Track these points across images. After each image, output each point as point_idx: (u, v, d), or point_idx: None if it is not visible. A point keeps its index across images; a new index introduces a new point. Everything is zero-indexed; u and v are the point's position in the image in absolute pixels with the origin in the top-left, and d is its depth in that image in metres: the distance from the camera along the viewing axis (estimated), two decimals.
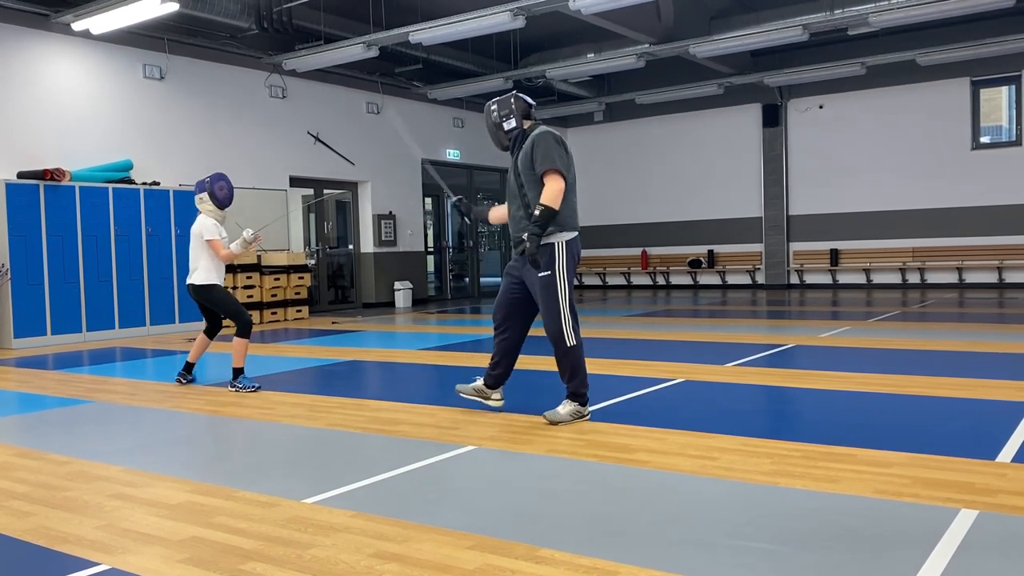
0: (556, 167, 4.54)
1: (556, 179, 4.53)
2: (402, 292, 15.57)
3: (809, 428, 4.55)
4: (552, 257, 4.62)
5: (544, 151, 4.56)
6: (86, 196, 10.51)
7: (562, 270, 4.63)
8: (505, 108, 4.79)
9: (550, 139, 4.62)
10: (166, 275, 11.36)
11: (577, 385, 4.75)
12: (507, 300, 4.94)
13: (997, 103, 16.07)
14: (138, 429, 5.13)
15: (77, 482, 3.87)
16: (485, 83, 15.14)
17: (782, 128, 17.37)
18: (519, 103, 4.80)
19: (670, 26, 13.19)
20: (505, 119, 4.78)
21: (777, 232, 17.52)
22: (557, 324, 4.65)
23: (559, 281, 4.63)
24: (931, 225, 16.01)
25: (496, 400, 5.14)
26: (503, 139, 4.85)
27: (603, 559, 2.71)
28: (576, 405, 4.77)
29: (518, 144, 4.78)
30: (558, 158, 4.57)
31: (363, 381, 7.00)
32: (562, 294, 4.63)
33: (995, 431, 4.28)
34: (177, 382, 6.69)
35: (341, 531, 3.07)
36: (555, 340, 4.70)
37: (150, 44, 11.85)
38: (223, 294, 6.45)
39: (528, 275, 4.74)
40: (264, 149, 13.34)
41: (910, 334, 8.75)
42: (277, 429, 5.01)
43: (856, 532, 2.90)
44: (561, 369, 4.78)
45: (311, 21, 12.54)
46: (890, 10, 11.43)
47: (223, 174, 6.55)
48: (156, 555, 2.89)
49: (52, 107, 10.80)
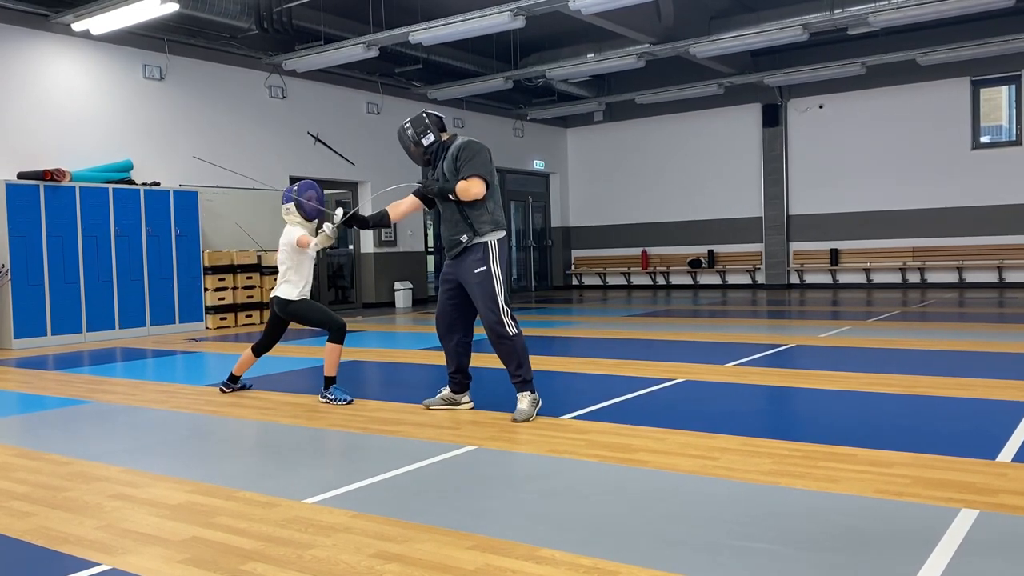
0: (479, 174, 4.88)
1: (477, 183, 4.85)
2: (402, 292, 15.57)
3: (810, 428, 4.54)
4: (486, 254, 4.94)
5: (468, 157, 4.89)
6: (86, 196, 10.51)
7: (496, 265, 4.94)
8: (420, 125, 5.03)
9: (474, 147, 4.94)
10: (166, 275, 11.35)
11: (525, 372, 4.94)
12: (447, 308, 5.16)
13: (997, 103, 16.06)
14: (138, 429, 5.13)
15: (77, 482, 3.87)
16: (485, 83, 15.14)
17: (782, 128, 17.38)
18: (432, 118, 5.06)
19: (670, 26, 13.20)
20: (423, 135, 5.02)
21: (777, 232, 17.52)
22: (496, 315, 4.88)
23: (494, 275, 4.92)
24: (931, 225, 16.01)
25: (466, 404, 5.33)
26: (422, 154, 5.08)
27: (604, 559, 2.71)
28: (530, 394, 4.95)
29: (440, 155, 5.05)
30: (481, 165, 4.89)
31: (363, 381, 7.00)
32: (497, 286, 4.91)
33: (996, 431, 4.28)
34: (220, 391, 6.29)
35: (341, 531, 3.06)
36: (494, 331, 4.90)
37: (150, 44, 11.85)
38: (308, 308, 5.91)
39: (463, 274, 4.99)
40: (264, 149, 13.34)
41: (910, 334, 8.75)
42: (277, 429, 5.01)
43: (857, 532, 2.90)
44: (505, 359, 4.96)
45: (311, 21, 12.54)
46: (890, 10, 11.43)
47: (313, 183, 6.05)
48: (156, 555, 2.89)
49: (52, 108, 10.80)
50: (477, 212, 4.95)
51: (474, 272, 4.94)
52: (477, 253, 4.95)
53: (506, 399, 5.26)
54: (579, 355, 8.04)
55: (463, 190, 4.86)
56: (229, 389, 6.27)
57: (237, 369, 6.26)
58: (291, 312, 5.91)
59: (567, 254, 20.60)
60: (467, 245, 4.97)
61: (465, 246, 4.98)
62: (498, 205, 5.04)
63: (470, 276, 4.97)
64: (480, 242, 4.96)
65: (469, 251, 4.98)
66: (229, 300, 12.05)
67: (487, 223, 4.96)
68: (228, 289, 12.03)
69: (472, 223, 4.95)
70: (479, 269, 4.94)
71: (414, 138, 5.05)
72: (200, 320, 11.78)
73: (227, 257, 12.04)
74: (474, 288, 4.96)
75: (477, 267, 4.94)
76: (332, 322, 5.82)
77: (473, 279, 4.95)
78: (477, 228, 4.94)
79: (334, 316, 5.88)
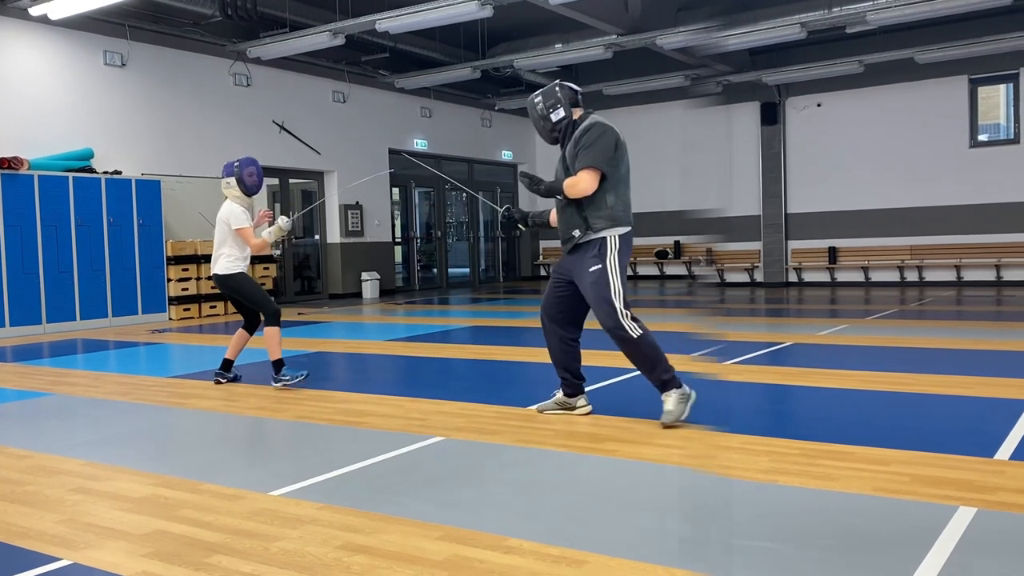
0: (593, 165, 4.37)
1: (585, 179, 4.37)
2: (369, 283, 15.49)
3: (808, 426, 4.52)
4: (603, 250, 4.44)
5: (587, 143, 4.39)
6: (45, 185, 10.30)
7: (613, 264, 4.43)
8: (551, 98, 4.54)
9: (596, 131, 4.41)
10: (128, 266, 11.17)
11: (661, 372, 4.42)
12: (553, 299, 4.72)
13: (995, 101, 16.07)
14: (100, 422, 5.05)
15: (37, 476, 3.80)
16: (453, 72, 15.06)
17: (780, 126, 17.33)
18: (565, 91, 4.55)
19: (637, 17, 13.22)
20: (552, 109, 4.53)
21: (775, 230, 17.43)
22: (613, 318, 4.40)
23: (610, 274, 4.42)
24: (929, 223, 15.96)
25: (582, 408, 4.80)
26: (551, 131, 4.61)
27: (572, 548, 2.72)
28: (675, 391, 4.42)
29: (568, 134, 4.56)
30: (600, 154, 4.38)
31: (330, 372, 6.96)
32: (614, 287, 4.40)
33: (994, 429, 4.23)
34: (215, 382, 6.14)
35: (308, 523, 3.04)
36: (615, 335, 4.43)
37: (111, 30, 11.62)
38: (247, 282, 5.97)
39: (577, 272, 4.52)
40: (228, 138, 13.16)
41: (908, 332, 8.67)
42: (242, 421, 4.96)
43: (855, 530, 2.88)
44: (636, 364, 4.49)
45: (276, 8, 12.38)
46: (888, 8, 11.42)
47: (253, 159, 6.03)
48: (119, 549, 2.85)
49: (9, 94, 10.55)
50: (594, 206, 4.46)
51: (588, 271, 4.46)
52: (593, 250, 4.46)
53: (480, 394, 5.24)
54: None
55: (569, 187, 4.40)
56: (223, 379, 6.16)
57: (230, 352, 6.19)
58: (232, 286, 5.95)
59: (535, 245, 20.60)
60: (579, 241, 4.51)
61: (578, 242, 4.51)
62: (620, 198, 4.50)
63: (583, 275, 4.49)
64: (596, 238, 4.46)
65: (584, 247, 4.50)
66: (193, 290, 11.89)
67: (603, 218, 4.46)
68: (192, 279, 11.87)
69: (586, 217, 4.47)
70: (594, 267, 4.44)
71: (543, 112, 4.56)
72: (163, 311, 11.62)
73: (190, 247, 11.88)
74: (588, 288, 4.48)
75: (592, 265, 4.45)
76: (267, 306, 5.93)
77: (587, 278, 4.47)
78: (591, 223, 4.46)
79: (270, 300, 6.00)
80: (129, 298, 11.20)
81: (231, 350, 6.19)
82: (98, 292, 10.85)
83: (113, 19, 11.43)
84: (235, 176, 5.89)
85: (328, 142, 14.97)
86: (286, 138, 14.23)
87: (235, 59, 13.25)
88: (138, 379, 6.60)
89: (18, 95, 10.64)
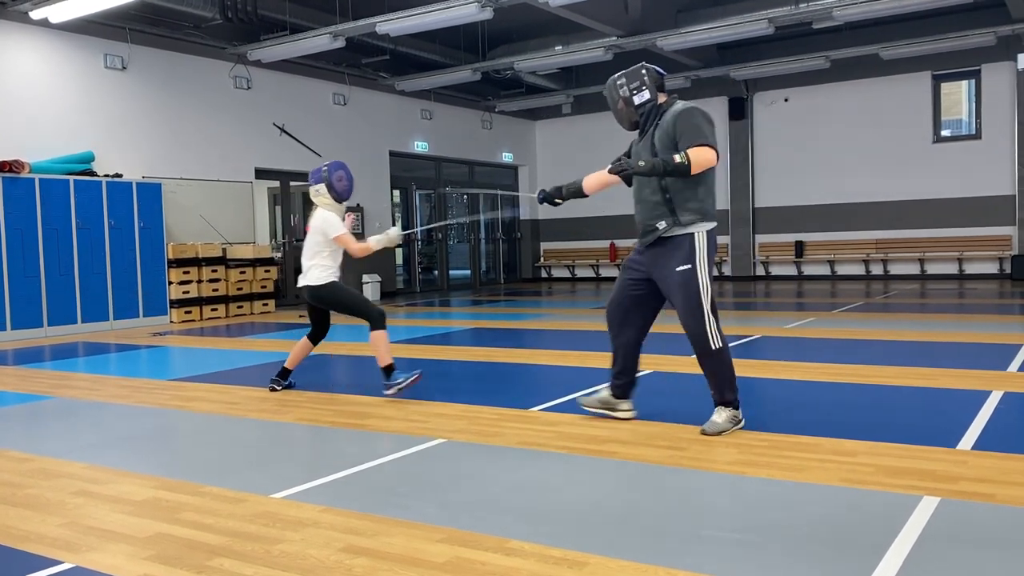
0: (710, 142, 4.04)
1: (708, 151, 4.01)
2: (370, 285, 15.48)
3: (775, 418, 4.59)
4: (692, 249, 4.13)
5: (693, 125, 4.07)
6: (46, 188, 10.30)
7: (702, 264, 4.13)
8: (635, 80, 4.24)
9: (698, 115, 4.13)
10: (130, 269, 11.17)
11: (726, 392, 4.21)
12: (626, 298, 4.42)
13: (957, 97, 16.36)
14: (101, 425, 5.05)
15: (39, 479, 3.80)
16: (453, 75, 15.08)
17: (748, 121, 17.52)
18: (652, 74, 4.24)
19: (637, 19, 13.23)
20: (636, 92, 4.23)
21: (743, 224, 17.67)
22: (700, 326, 4.12)
23: (700, 276, 4.12)
24: (894, 217, 16.27)
25: (625, 411, 4.57)
26: (632, 115, 4.30)
27: (573, 550, 2.72)
28: (731, 411, 4.23)
29: (652, 120, 4.26)
30: (710, 134, 4.08)
31: (331, 375, 6.96)
32: (703, 290, 4.12)
33: (956, 420, 4.36)
34: (270, 389, 5.88)
35: (310, 526, 3.04)
36: (698, 343, 4.17)
37: (111, 34, 11.63)
38: (343, 290, 5.63)
39: (661, 270, 4.22)
40: (229, 141, 13.17)
41: (873, 325, 8.89)
42: (245, 424, 4.96)
43: (822, 520, 2.95)
44: (708, 376, 4.24)
45: (276, 11, 12.39)
46: (854, 4, 11.58)
47: (342, 163, 5.70)
48: (121, 552, 2.85)
49: (10, 98, 10.56)
50: (683, 195, 4.12)
51: (676, 271, 4.14)
52: (682, 247, 4.13)
53: (479, 397, 5.24)
54: (548, 347, 8.06)
55: (697, 156, 3.96)
56: (279, 387, 5.90)
57: (290, 362, 5.89)
58: (323, 298, 5.60)
59: (536, 246, 20.61)
60: (664, 234, 4.17)
61: (661, 235, 4.18)
62: (710, 192, 4.20)
63: (670, 274, 4.17)
64: (684, 233, 4.14)
65: (669, 243, 4.17)
66: (194, 293, 11.89)
67: (692, 211, 4.13)
68: (193, 282, 11.87)
69: (675, 207, 4.14)
70: (683, 267, 4.12)
71: (625, 94, 4.26)
72: (164, 314, 11.62)
73: (191, 250, 11.88)
74: (675, 289, 4.16)
75: (680, 264, 4.13)
76: (372, 310, 5.57)
77: (674, 278, 4.15)
78: (679, 215, 4.13)
79: (372, 305, 5.65)
80: (130, 301, 11.20)
81: (291, 359, 5.88)
82: (99, 295, 10.85)
83: (114, 22, 11.44)
84: (324, 182, 5.55)
85: (329, 144, 14.97)
86: (287, 141, 14.23)
87: (235, 62, 13.26)
88: (139, 382, 6.60)
89: (19, 98, 10.65)
